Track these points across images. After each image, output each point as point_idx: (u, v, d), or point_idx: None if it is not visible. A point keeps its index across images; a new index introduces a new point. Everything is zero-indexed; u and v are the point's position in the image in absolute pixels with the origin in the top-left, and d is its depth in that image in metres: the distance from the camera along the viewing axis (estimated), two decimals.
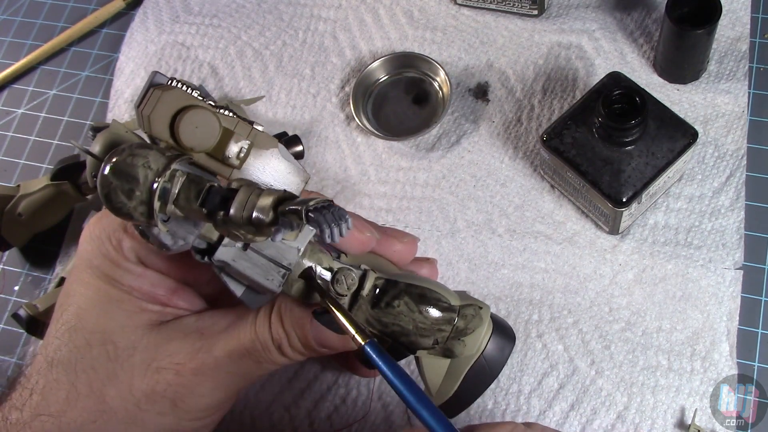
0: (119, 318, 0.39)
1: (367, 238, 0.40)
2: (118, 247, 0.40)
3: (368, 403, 0.57)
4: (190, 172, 0.32)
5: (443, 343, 0.37)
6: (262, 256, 0.35)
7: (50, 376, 0.39)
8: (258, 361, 0.40)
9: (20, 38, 0.81)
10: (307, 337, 0.39)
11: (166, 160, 0.31)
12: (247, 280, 0.35)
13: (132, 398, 0.38)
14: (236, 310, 0.41)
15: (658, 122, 0.55)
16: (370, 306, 0.37)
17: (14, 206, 0.65)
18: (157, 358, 0.39)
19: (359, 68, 0.69)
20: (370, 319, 0.37)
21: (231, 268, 0.35)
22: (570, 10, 0.69)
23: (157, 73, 0.34)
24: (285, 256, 0.35)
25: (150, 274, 0.40)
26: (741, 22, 0.65)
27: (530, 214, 0.61)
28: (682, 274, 0.57)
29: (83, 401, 0.38)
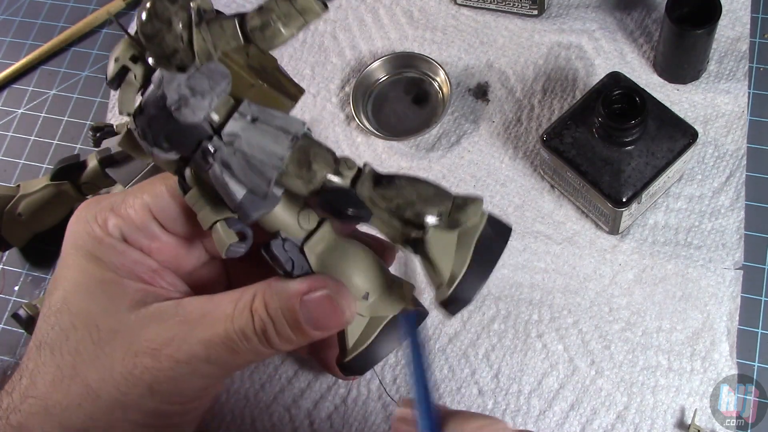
0: (102, 301, 0.39)
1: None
2: (104, 225, 0.40)
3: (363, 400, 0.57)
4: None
5: (448, 216, 0.37)
6: (271, 126, 0.35)
7: (38, 359, 0.39)
8: (235, 351, 0.38)
9: (20, 38, 0.81)
10: (298, 320, 0.37)
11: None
12: (255, 154, 0.35)
13: (113, 381, 0.38)
14: (216, 296, 0.40)
15: (658, 122, 0.55)
16: (372, 185, 0.37)
17: (14, 206, 0.65)
18: (135, 342, 0.38)
19: (359, 68, 0.69)
20: (373, 196, 0.36)
21: (239, 140, 0.34)
22: (570, 10, 0.69)
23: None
24: (293, 126, 0.35)
25: (132, 252, 0.41)
26: (741, 22, 0.65)
27: (530, 214, 0.61)
28: (682, 274, 0.57)
29: (68, 384, 0.38)
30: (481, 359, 0.57)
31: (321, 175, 0.36)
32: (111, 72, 0.34)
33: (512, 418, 0.55)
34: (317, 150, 0.36)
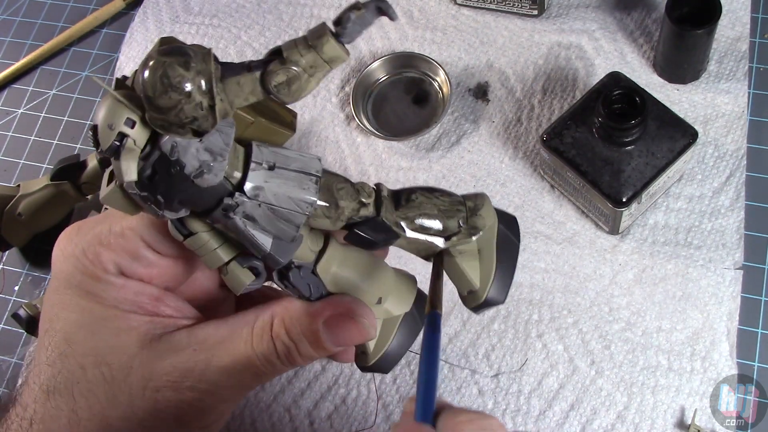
0: (108, 338, 0.39)
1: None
2: (96, 261, 0.39)
3: (372, 406, 0.57)
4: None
5: (466, 223, 0.38)
6: (290, 171, 0.34)
7: (48, 405, 0.38)
8: (257, 374, 0.39)
9: (20, 38, 0.81)
10: (320, 341, 0.38)
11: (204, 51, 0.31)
12: (282, 204, 0.34)
13: (135, 418, 0.38)
14: (228, 321, 0.40)
15: (658, 122, 0.55)
16: (394, 207, 0.37)
17: (14, 206, 0.65)
18: (154, 378, 0.38)
19: (359, 68, 0.69)
20: (398, 219, 0.37)
21: (264, 192, 0.34)
22: (570, 10, 0.69)
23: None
24: (311, 166, 0.34)
25: (132, 284, 0.39)
26: (741, 22, 0.65)
27: (530, 214, 0.61)
28: (682, 274, 0.57)
29: (85, 425, 0.38)
30: (481, 359, 0.57)
31: (349, 210, 0.36)
32: (107, 142, 0.30)
33: (512, 418, 0.55)
34: (339, 185, 0.35)
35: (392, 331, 0.40)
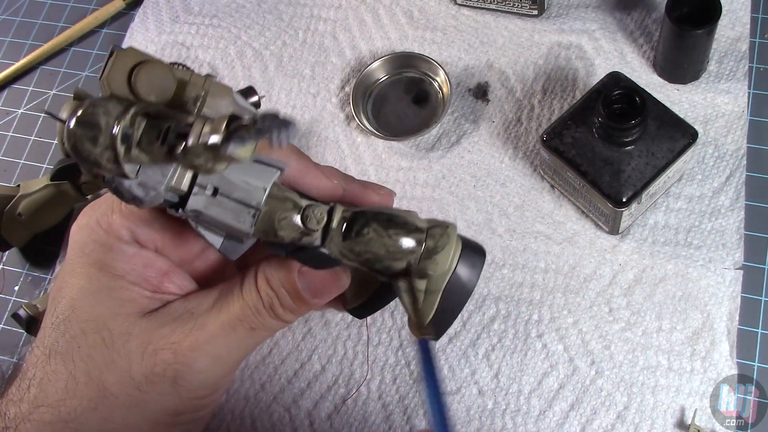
0: (111, 306, 0.40)
1: (334, 185, 0.41)
2: (109, 229, 0.40)
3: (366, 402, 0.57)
4: (149, 112, 0.33)
5: (416, 265, 0.38)
6: (231, 200, 0.36)
7: (48, 368, 0.39)
8: (251, 328, 0.40)
9: (20, 38, 0.81)
10: (297, 291, 0.40)
11: (124, 106, 0.33)
12: (221, 226, 0.37)
13: (132, 382, 0.39)
14: (220, 286, 0.41)
15: (658, 122, 0.55)
16: (342, 238, 0.38)
17: (14, 206, 0.65)
18: (153, 341, 0.39)
19: (359, 68, 0.69)
20: (343, 251, 0.38)
21: (204, 216, 0.36)
22: (570, 10, 0.69)
23: (115, 46, 0.36)
24: (253, 197, 0.36)
25: (144, 254, 0.40)
26: (741, 22, 0.65)
27: (530, 214, 0.61)
28: (682, 274, 0.57)
29: (82, 389, 0.39)
30: (481, 359, 0.57)
31: (289, 239, 0.37)
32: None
33: (512, 418, 0.55)
34: (283, 215, 0.36)
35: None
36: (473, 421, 0.55)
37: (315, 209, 0.37)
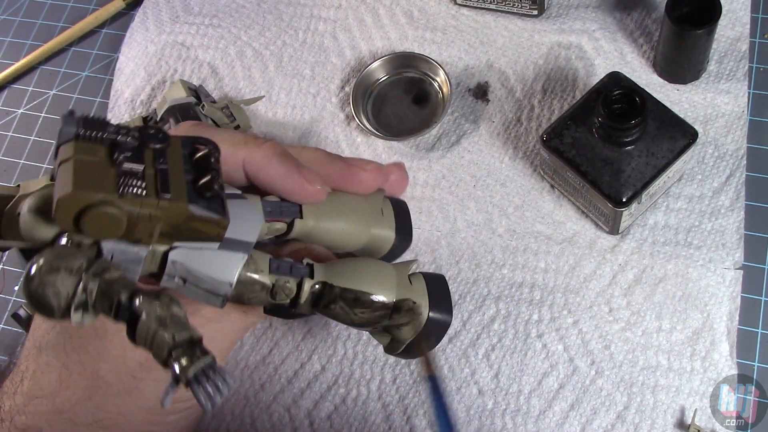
0: None
1: (316, 191, 0.41)
2: None
3: (368, 403, 0.57)
4: (103, 281, 0.32)
5: (384, 329, 0.41)
6: (200, 289, 0.36)
7: (40, 360, 0.39)
8: (243, 312, 0.41)
9: (20, 38, 0.81)
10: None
11: (74, 281, 0.31)
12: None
13: (127, 369, 0.39)
14: None
15: (658, 122, 0.55)
16: (311, 306, 0.40)
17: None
18: None
19: (359, 68, 0.69)
20: (313, 312, 0.40)
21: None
22: (570, 10, 0.69)
23: (68, 117, 0.34)
24: (220, 289, 0.36)
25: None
26: (741, 22, 0.65)
27: (530, 214, 0.61)
28: (682, 274, 0.57)
29: (76, 379, 0.39)
30: (481, 359, 0.57)
31: (260, 304, 0.39)
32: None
33: (512, 418, 0.55)
34: (251, 295, 0.38)
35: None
36: (473, 421, 0.55)
37: (284, 285, 0.38)
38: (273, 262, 0.38)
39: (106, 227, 0.32)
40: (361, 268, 0.40)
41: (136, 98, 0.73)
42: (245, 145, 0.40)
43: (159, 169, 0.32)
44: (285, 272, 0.38)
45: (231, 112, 0.66)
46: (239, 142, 0.40)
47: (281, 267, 0.38)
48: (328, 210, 0.41)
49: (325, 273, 0.39)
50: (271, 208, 0.39)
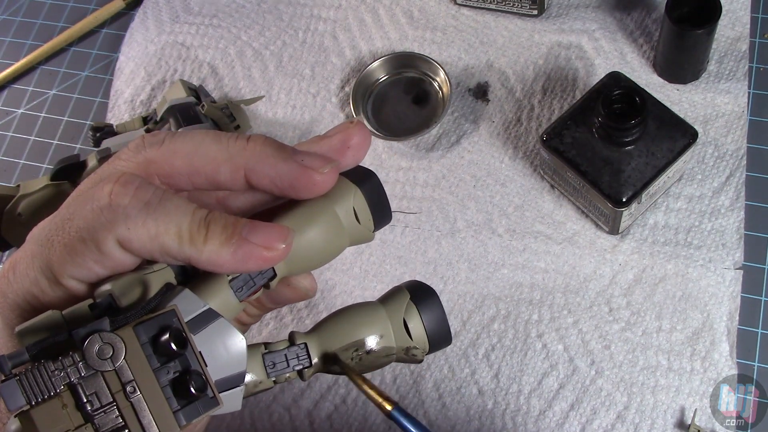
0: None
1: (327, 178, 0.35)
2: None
3: (368, 404, 0.57)
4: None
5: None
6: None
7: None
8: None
9: (20, 38, 0.81)
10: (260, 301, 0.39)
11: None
12: None
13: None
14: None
15: (658, 122, 0.55)
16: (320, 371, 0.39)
17: (14, 206, 0.65)
18: None
19: (359, 68, 0.69)
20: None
21: None
22: (570, 10, 0.69)
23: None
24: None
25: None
26: (741, 22, 0.65)
27: (530, 214, 0.61)
28: (682, 274, 0.57)
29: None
30: (481, 359, 0.57)
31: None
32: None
33: (512, 418, 0.55)
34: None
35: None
36: (473, 421, 0.55)
37: (286, 378, 0.36)
38: (267, 362, 0.35)
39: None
40: (354, 320, 0.38)
41: (136, 98, 0.73)
42: (229, 150, 0.34)
43: (132, 404, 0.28)
44: (282, 369, 0.37)
45: (231, 112, 0.66)
46: (223, 149, 0.34)
47: (277, 365, 0.36)
48: (296, 248, 0.37)
49: (319, 343, 0.38)
50: (241, 285, 0.34)
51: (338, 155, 0.36)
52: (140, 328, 0.28)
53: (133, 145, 0.33)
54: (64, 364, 0.27)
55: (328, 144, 0.36)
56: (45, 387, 0.27)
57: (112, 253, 0.30)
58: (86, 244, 0.30)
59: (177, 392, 0.29)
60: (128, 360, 0.28)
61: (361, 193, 0.38)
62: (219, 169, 0.33)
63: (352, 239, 0.38)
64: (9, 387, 0.27)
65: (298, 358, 0.37)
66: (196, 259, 0.31)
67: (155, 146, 0.33)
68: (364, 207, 0.38)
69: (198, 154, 0.33)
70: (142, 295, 0.30)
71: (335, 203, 0.36)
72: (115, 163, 0.33)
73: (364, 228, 0.38)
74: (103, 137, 0.64)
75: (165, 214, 0.30)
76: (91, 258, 0.30)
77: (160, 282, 0.31)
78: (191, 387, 0.29)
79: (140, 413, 0.28)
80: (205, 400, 0.29)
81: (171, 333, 0.28)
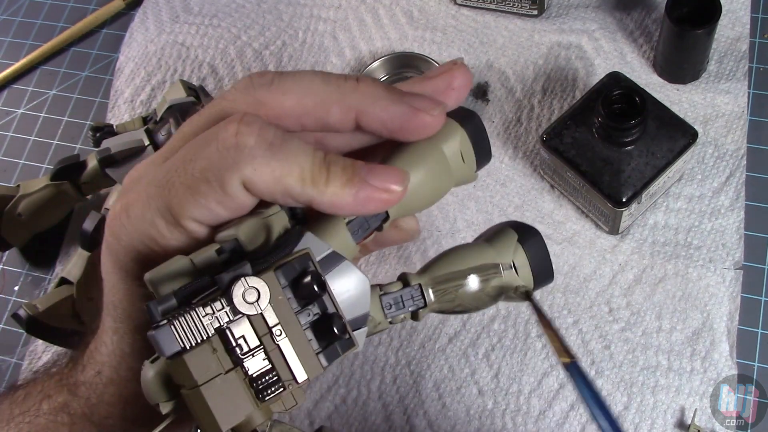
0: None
1: (435, 120, 0.34)
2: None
3: (369, 403, 0.57)
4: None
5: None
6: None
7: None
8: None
9: (20, 38, 0.81)
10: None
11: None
12: None
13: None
14: None
15: (658, 122, 0.55)
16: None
17: (14, 206, 0.65)
18: None
19: (359, 68, 0.69)
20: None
21: None
22: (570, 10, 0.69)
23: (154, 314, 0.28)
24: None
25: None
26: (741, 22, 0.65)
27: (530, 214, 0.61)
28: (682, 274, 0.57)
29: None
30: (481, 359, 0.57)
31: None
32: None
33: (512, 418, 0.55)
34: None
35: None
36: (473, 421, 0.55)
37: (401, 319, 0.35)
38: (384, 303, 0.35)
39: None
40: (465, 259, 0.38)
41: (136, 98, 0.73)
42: (340, 91, 0.33)
43: (279, 346, 0.29)
44: (398, 309, 0.37)
45: None
46: (333, 90, 0.33)
47: (393, 306, 0.36)
48: (408, 190, 0.37)
49: (432, 283, 0.37)
50: (357, 228, 0.34)
51: (444, 96, 0.35)
52: (280, 272, 0.28)
53: (242, 85, 0.32)
54: (214, 309, 0.27)
55: (434, 85, 0.35)
56: (197, 332, 0.27)
57: (235, 194, 0.29)
58: (210, 184, 0.29)
59: (317, 334, 0.29)
60: (272, 303, 0.28)
61: (466, 134, 0.37)
62: (330, 110, 0.32)
63: (457, 180, 0.38)
64: (163, 332, 0.27)
65: (413, 299, 0.36)
66: (318, 201, 0.31)
67: (265, 87, 0.32)
68: (469, 147, 0.38)
69: (309, 95, 0.32)
70: (266, 240, 0.30)
71: (443, 144, 0.36)
72: (223, 104, 0.33)
73: (468, 168, 0.38)
74: (103, 137, 0.64)
75: (288, 155, 0.30)
76: (214, 199, 0.29)
77: (280, 226, 0.31)
78: (334, 329, 0.29)
79: (287, 356, 0.28)
80: (343, 341, 0.30)
81: (312, 276, 0.28)
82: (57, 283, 0.63)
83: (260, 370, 0.28)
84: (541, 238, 0.39)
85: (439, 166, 0.36)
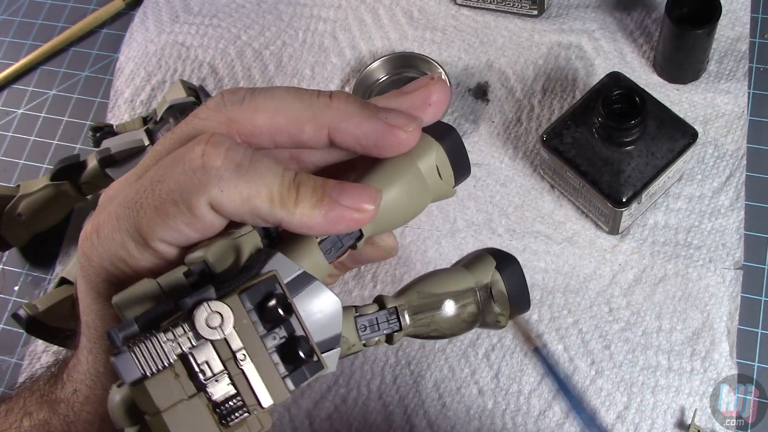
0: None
1: (410, 136, 0.33)
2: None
3: (368, 404, 0.57)
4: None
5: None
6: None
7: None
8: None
9: (20, 38, 0.81)
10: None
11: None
12: None
13: None
14: None
15: (658, 122, 0.55)
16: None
17: (14, 206, 0.65)
18: None
19: (359, 68, 0.69)
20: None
21: None
22: (570, 10, 0.69)
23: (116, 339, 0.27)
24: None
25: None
26: (741, 22, 0.65)
27: (530, 214, 0.61)
28: (682, 274, 0.57)
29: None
30: (481, 359, 0.57)
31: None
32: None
33: (512, 418, 0.55)
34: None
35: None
36: (473, 421, 0.55)
37: (376, 341, 0.35)
38: (359, 325, 0.35)
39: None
40: (442, 284, 0.37)
41: (136, 98, 0.73)
42: (313, 107, 0.33)
43: (243, 371, 0.28)
44: (373, 332, 0.36)
45: None
46: (306, 107, 0.33)
47: (368, 328, 0.36)
48: (382, 208, 0.37)
49: (408, 306, 0.37)
50: (330, 246, 0.34)
51: (420, 112, 0.35)
52: (245, 296, 0.28)
53: (213, 103, 0.32)
54: (176, 335, 0.27)
55: (410, 100, 0.35)
56: (158, 358, 0.27)
57: (203, 216, 0.29)
58: (178, 206, 0.29)
59: (283, 358, 0.29)
60: (236, 328, 0.28)
61: (443, 150, 0.37)
62: (303, 127, 0.32)
63: (434, 196, 0.37)
64: (123, 359, 0.26)
65: (388, 322, 0.35)
66: (288, 222, 0.30)
67: (236, 104, 0.32)
68: (446, 163, 0.37)
69: (281, 112, 0.32)
70: (235, 261, 0.30)
71: (418, 160, 0.35)
72: (195, 122, 0.32)
73: (446, 184, 0.37)
74: (103, 137, 0.64)
75: (256, 176, 0.30)
76: (182, 221, 0.29)
77: (250, 246, 0.31)
78: (300, 352, 0.28)
79: (251, 380, 0.28)
80: (311, 364, 0.29)
81: (278, 299, 0.28)
82: (57, 283, 0.63)
83: (224, 395, 0.28)
84: (519, 266, 0.38)
85: (414, 183, 0.35)
